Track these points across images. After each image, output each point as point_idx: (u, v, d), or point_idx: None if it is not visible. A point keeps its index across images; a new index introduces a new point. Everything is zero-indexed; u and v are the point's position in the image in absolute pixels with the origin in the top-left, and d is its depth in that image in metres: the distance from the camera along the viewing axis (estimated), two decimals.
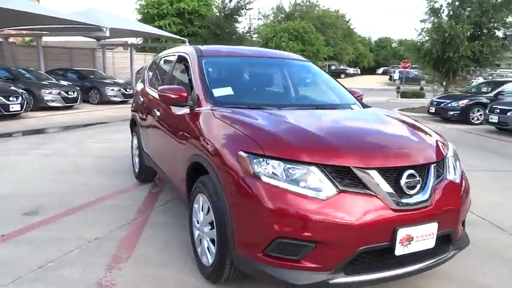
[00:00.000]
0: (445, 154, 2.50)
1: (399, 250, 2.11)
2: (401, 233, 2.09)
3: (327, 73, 3.92)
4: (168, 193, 4.53)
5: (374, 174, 2.10)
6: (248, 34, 24.58)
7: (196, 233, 2.78)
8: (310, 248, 2.02)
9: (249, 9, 23.29)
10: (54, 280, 2.62)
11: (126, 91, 15.53)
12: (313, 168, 2.07)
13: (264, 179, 2.08)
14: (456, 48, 13.22)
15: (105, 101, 14.99)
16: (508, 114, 9.48)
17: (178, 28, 23.33)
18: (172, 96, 3.04)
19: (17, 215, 3.77)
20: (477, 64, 14.07)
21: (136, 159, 4.91)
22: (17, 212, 3.83)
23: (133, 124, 5.06)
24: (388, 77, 39.72)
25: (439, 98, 12.75)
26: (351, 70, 46.95)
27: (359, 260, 2.10)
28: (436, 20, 14.00)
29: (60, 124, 10.28)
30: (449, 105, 11.85)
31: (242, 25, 29.62)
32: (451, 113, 11.75)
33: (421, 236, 2.16)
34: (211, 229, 2.50)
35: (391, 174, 2.15)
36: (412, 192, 2.16)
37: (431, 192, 2.23)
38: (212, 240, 2.48)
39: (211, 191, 2.42)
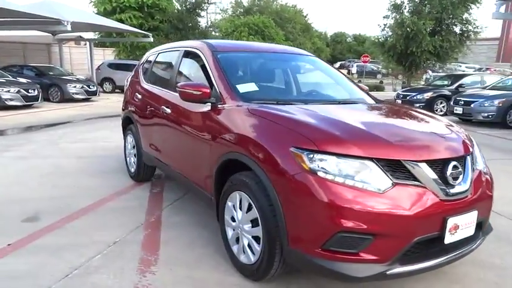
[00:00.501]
0: (473, 145, 2.63)
1: (448, 238, 2.21)
2: (450, 222, 2.18)
3: None
4: (171, 192, 4.42)
5: (424, 166, 2.17)
6: (211, 28, 24.25)
7: (230, 231, 2.75)
8: (369, 240, 2.06)
9: (212, 3, 23.02)
10: None
11: (90, 88, 14.89)
12: (368, 163, 2.11)
13: (321, 174, 2.10)
14: (419, 43, 13.86)
15: (66, 99, 14.28)
16: (472, 105, 10.08)
17: (139, 22, 22.61)
18: (195, 93, 2.96)
19: (15, 222, 3.53)
20: (437, 58, 14.84)
21: (133, 159, 4.74)
22: (14, 219, 3.59)
23: (127, 123, 4.87)
24: (346, 71, 40.77)
25: (404, 91, 13.31)
26: None
27: (410, 250, 2.17)
28: (398, 16, 14.56)
29: (24, 124, 9.66)
30: (415, 97, 12.41)
31: (204, 19, 29.12)
32: (417, 105, 12.30)
33: (465, 224, 2.27)
34: (253, 227, 2.48)
35: (438, 166, 2.24)
36: (455, 182, 2.26)
37: (471, 182, 2.34)
38: (255, 238, 2.46)
39: (255, 189, 2.40)
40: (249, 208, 2.50)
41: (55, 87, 14.35)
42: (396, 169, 2.14)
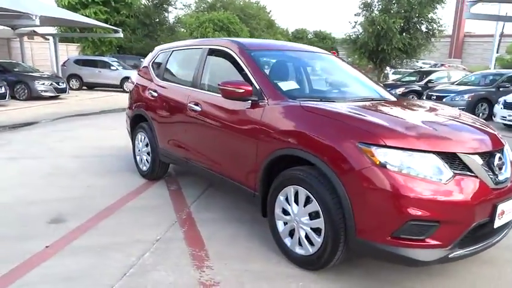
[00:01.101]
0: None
1: (497, 223, 2.43)
2: (499, 208, 2.41)
3: None
4: (189, 188, 4.44)
5: (476, 158, 2.38)
6: (179, 24, 23.90)
7: (280, 224, 2.85)
8: (436, 227, 2.24)
9: None
10: (152, 285, 2.51)
11: (59, 85, 14.29)
12: (431, 156, 2.29)
13: (390, 168, 2.25)
14: (389, 41, 14.46)
15: (34, 97, 13.63)
16: (444, 100, 10.69)
17: (104, 17, 21.89)
18: (238, 91, 3.03)
19: (41, 224, 3.43)
20: (406, 55, 15.56)
21: (144, 157, 4.70)
22: (38, 221, 3.49)
23: (138, 121, 4.81)
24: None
25: None
26: None
27: (467, 234, 2.37)
28: (368, 14, 15.10)
29: None
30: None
31: (173, 15, 28.57)
32: None
33: (509, 210, 2.50)
34: (311, 219, 2.59)
35: (486, 158, 2.45)
36: (500, 172, 2.49)
37: (510, 170, 2.59)
38: (315, 230, 2.58)
39: (315, 183, 2.51)
40: (307, 201, 2.61)
41: (21, 85, 13.67)
42: (453, 161, 2.33)
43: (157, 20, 22.40)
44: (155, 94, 4.39)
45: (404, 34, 14.91)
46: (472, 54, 43.52)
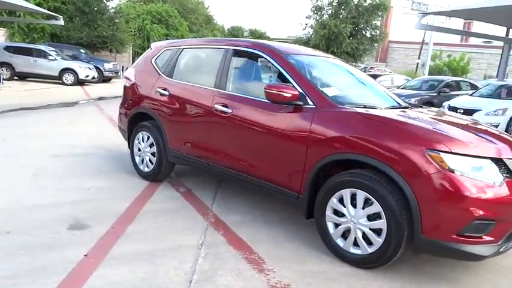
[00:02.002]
0: None
1: None
2: None
3: None
4: (200, 190, 4.37)
5: None
6: (120, 14, 22.76)
7: (331, 226, 2.97)
8: (492, 225, 2.52)
9: None
10: None
11: None
12: (488, 161, 2.56)
13: (457, 172, 2.47)
14: (339, 44, 15.20)
15: None
16: None
17: (36, 2, 20.10)
18: (285, 95, 3.08)
19: (64, 231, 3.19)
20: (353, 59, 16.46)
21: (147, 158, 4.52)
22: (59, 227, 3.23)
23: (138, 120, 4.61)
24: None
25: None
26: None
27: None
28: (319, 18, 15.74)
29: None
30: None
31: (113, 4, 26.78)
32: None
33: None
34: (371, 220, 2.74)
35: None
36: None
37: None
38: (375, 230, 2.73)
39: (377, 186, 2.67)
40: (365, 204, 2.76)
41: None
42: (500, 166, 2.63)
43: (97, 8, 21.10)
44: (165, 93, 4.24)
45: (351, 39, 15.78)
46: (396, 59, 47.09)
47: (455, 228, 2.49)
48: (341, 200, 2.90)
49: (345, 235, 2.93)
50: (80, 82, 16.86)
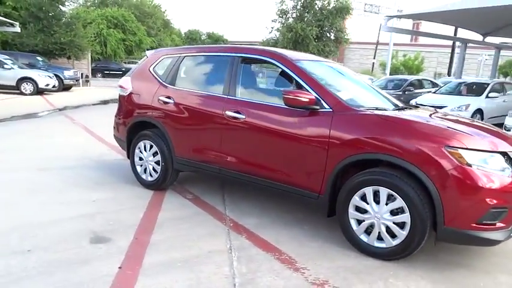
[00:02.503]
0: None
1: None
2: None
3: None
4: (206, 196, 4.41)
5: None
6: (76, 20, 21.98)
7: (354, 222, 3.15)
8: (505, 212, 2.79)
9: None
10: None
11: None
12: (498, 155, 2.84)
13: (474, 166, 2.73)
14: (306, 47, 15.59)
15: None
16: None
17: None
18: (303, 99, 3.24)
19: (87, 245, 3.15)
20: None
21: (151, 166, 4.50)
22: (81, 242, 3.19)
23: (139, 129, 4.58)
24: None
25: None
26: None
27: None
28: (285, 21, 16.07)
29: None
30: None
31: (69, 8, 25.64)
32: None
33: None
34: (394, 215, 2.94)
35: None
36: None
37: None
38: (398, 224, 2.93)
39: (400, 182, 2.87)
40: (388, 200, 2.96)
41: None
42: (506, 158, 2.91)
43: (52, 14, 20.26)
44: (169, 101, 4.25)
45: (317, 41, 16.26)
46: (352, 60, 48.76)
47: (475, 217, 2.74)
48: (363, 198, 3.08)
49: (367, 230, 3.11)
50: (39, 91, 16.14)
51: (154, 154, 4.46)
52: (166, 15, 43.48)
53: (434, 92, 11.35)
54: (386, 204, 2.98)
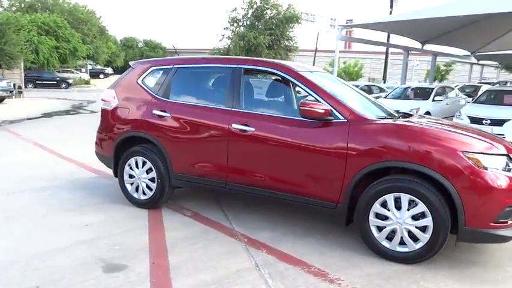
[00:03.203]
0: None
1: None
2: None
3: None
4: (205, 212, 4.26)
5: None
6: (9, 26, 20.31)
7: (375, 230, 3.23)
8: None
9: None
10: None
11: None
12: (505, 158, 3.07)
13: (490, 169, 2.93)
14: (259, 55, 15.73)
15: None
16: None
17: None
18: (319, 111, 3.29)
19: (101, 275, 2.91)
20: None
21: (144, 184, 4.26)
22: (92, 273, 2.93)
23: (129, 145, 4.34)
24: None
25: None
26: (109, 70, 45.40)
27: None
28: (237, 30, 16.12)
29: None
30: None
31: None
32: None
33: None
34: (415, 220, 3.06)
35: None
36: None
37: None
38: (421, 228, 3.06)
39: (422, 188, 3.00)
40: (410, 205, 3.08)
41: None
42: (509, 160, 3.16)
43: None
44: (165, 114, 4.08)
45: (269, 50, 16.50)
46: None
47: (492, 217, 2.93)
48: (383, 205, 3.17)
49: (388, 236, 3.20)
50: None
51: (148, 171, 4.24)
52: (102, 21, 41.62)
53: (385, 97, 12.00)
54: (408, 209, 3.09)
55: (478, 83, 18.12)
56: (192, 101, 4.08)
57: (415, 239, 3.11)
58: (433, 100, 11.28)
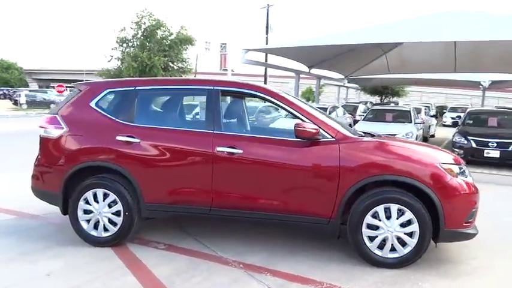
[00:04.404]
0: None
1: None
2: None
3: None
4: (180, 241, 3.98)
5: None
6: None
7: (368, 240, 3.47)
8: (475, 211, 3.58)
9: None
10: None
11: None
12: (464, 167, 3.64)
13: (460, 177, 3.45)
14: (154, 76, 15.21)
15: None
16: None
17: None
18: (313, 131, 3.44)
19: None
20: None
21: (105, 219, 3.77)
22: None
23: (82, 178, 3.82)
24: (11, 101, 34.96)
25: None
26: None
27: None
28: (127, 50, 15.35)
29: None
30: None
31: None
32: None
33: None
34: (403, 227, 3.40)
35: None
36: None
37: None
38: (409, 234, 3.40)
39: (408, 197, 3.37)
40: (399, 214, 3.41)
41: None
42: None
43: None
44: (134, 140, 3.73)
45: (164, 72, 16.06)
46: None
47: (463, 217, 3.45)
48: (373, 216, 3.44)
49: (379, 245, 3.47)
50: None
51: (111, 204, 3.79)
52: None
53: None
54: (397, 218, 3.42)
55: (356, 103, 20.58)
56: (163, 125, 3.83)
57: (403, 244, 3.43)
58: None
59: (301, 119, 3.61)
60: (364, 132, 4.19)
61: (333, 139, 3.54)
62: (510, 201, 6.26)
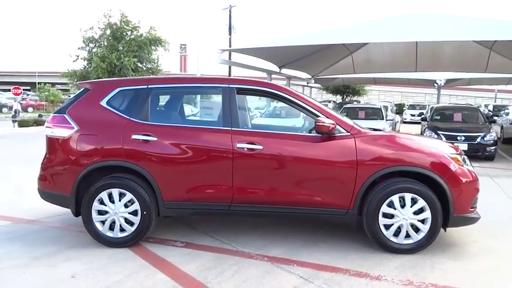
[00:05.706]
0: None
1: None
2: None
3: None
4: (197, 238, 3.99)
5: None
6: None
7: (384, 228, 3.66)
8: (478, 197, 3.88)
9: None
10: None
11: None
12: (464, 155, 3.94)
13: (465, 166, 3.73)
14: (124, 77, 14.78)
15: None
16: None
17: None
18: (331, 126, 3.59)
19: None
20: None
21: (122, 220, 3.72)
22: None
23: (96, 178, 3.75)
24: None
25: None
26: None
27: None
28: (95, 50, 14.82)
29: None
30: None
31: None
32: None
33: None
34: (416, 214, 3.62)
35: None
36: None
37: None
38: (422, 221, 3.63)
39: (421, 186, 3.59)
40: (413, 203, 3.62)
41: None
42: None
43: None
44: (151, 138, 3.70)
45: (134, 73, 15.63)
46: None
47: (470, 203, 3.73)
48: (389, 205, 3.64)
49: (394, 233, 3.68)
50: None
51: (127, 204, 3.74)
52: None
53: (261, 116, 12.92)
54: (411, 206, 3.63)
55: (322, 102, 21.12)
56: (179, 123, 3.83)
57: (417, 230, 3.65)
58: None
59: (318, 116, 3.74)
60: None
61: (349, 133, 3.70)
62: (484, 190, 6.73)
